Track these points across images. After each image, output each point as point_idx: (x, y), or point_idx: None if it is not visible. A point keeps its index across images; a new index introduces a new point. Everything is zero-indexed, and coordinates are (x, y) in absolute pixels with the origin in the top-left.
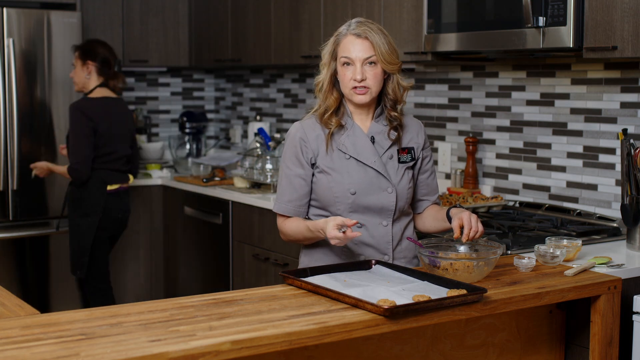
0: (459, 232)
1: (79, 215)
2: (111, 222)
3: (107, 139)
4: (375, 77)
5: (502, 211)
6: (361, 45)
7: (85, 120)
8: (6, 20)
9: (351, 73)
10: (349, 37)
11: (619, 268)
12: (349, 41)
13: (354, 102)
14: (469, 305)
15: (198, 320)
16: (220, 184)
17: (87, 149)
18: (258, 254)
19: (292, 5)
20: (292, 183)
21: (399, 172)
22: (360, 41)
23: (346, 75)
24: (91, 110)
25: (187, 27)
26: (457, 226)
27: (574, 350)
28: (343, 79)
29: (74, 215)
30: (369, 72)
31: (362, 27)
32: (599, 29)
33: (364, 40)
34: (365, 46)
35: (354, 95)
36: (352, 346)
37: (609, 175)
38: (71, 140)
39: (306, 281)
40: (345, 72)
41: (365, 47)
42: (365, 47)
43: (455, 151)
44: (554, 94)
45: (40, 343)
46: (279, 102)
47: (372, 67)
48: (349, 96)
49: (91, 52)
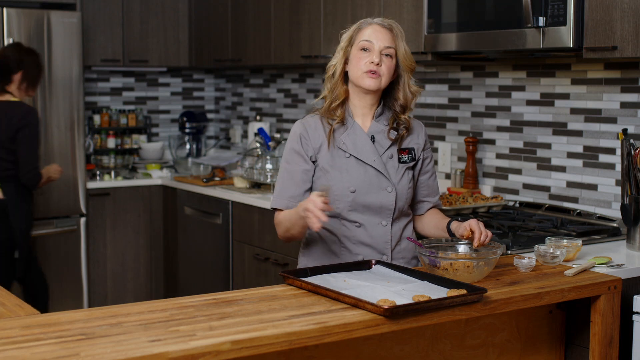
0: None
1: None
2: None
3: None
4: (389, 69)
5: (502, 211)
6: (385, 33)
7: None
8: (6, 20)
9: (368, 57)
10: (374, 25)
11: (619, 268)
12: (373, 28)
13: (363, 87)
14: (469, 305)
15: (198, 320)
16: (220, 184)
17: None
18: (258, 254)
19: (292, 5)
20: (294, 178)
21: (399, 171)
22: (385, 30)
23: (361, 59)
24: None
25: (187, 27)
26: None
27: (574, 350)
28: (358, 62)
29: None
30: (385, 62)
31: (389, 20)
32: (599, 29)
33: (387, 31)
34: (388, 36)
35: (365, 78)
36: (352, 346)
37: (609, 175)
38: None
39: (306, 281)
40: (361, 56)
41: (388, 36)
42: (387, 37)
43: (455, 151)
44: (554, 94)
45: (40, 343)
46: (279, 102)
47: (388, 59)
48: (358, 80)
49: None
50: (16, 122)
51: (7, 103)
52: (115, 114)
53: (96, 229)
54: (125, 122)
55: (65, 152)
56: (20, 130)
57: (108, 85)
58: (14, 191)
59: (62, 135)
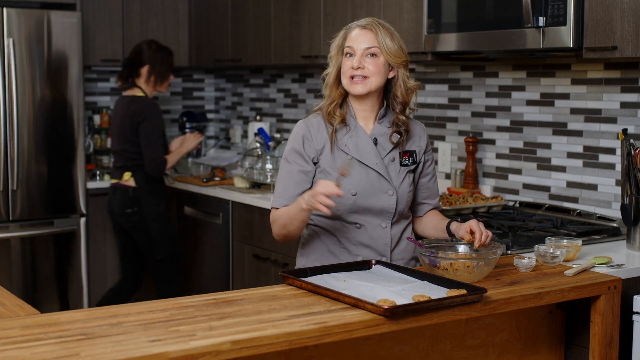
0: (470, 237)
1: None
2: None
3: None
4: (376, 67)
5: (502, 211)
6: (364, 35)
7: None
8: (6, 20)
9: (350, 62)
10: (355, 29)
11: (619, 268)
12: (354, 32)
13: (352, 94)
14: (469, 305)
15: (198, 320)
16: (220, 184)
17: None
18: (258, 254)
19: (292, 5)
20: (295, 178)
21: (400, 175)
22: (364, 32)
23: (346, 65)
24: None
25: (187, 27)
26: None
27: (574, 350)
28: (343, 69)
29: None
30: (370, 62)
31: (369, 20)
32: (599, 29)
33: (367, 32)
34: (368, 37)
35: (351, 85)
36: (352, 346)
37: (609, 175)
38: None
39: (306, 281)
40: (345, 62)
41: (368, 37)
42: (367, 38)
43: (455, 151)
44: (554, 94)
45: (40, 343)
46: (279, 102)
47: (373, 59)
48: (347, 87)
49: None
50: (137, 116)
51: (132, 98)
52: None
53: (96, 229)
54: None
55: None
56: (140, 123)
57: (108, 85)
58: (143, 179)
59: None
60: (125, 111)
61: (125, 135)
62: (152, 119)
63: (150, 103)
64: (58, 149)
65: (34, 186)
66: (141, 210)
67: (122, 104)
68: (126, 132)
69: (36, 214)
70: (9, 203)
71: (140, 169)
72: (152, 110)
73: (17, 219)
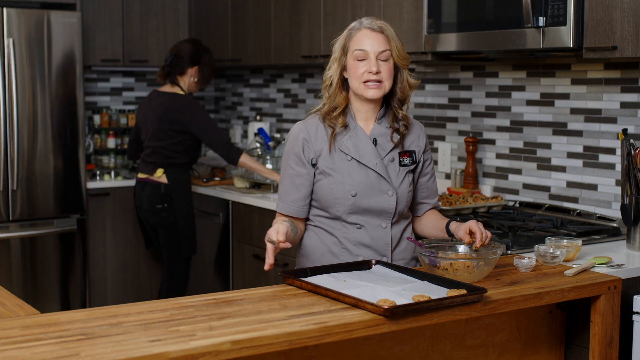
0: (470, 239)
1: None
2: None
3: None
4: (389, 72)
5: (502, 211)
6: (376, 38)
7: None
8: (6, 20)
9: (365, 66)
10: (364, 30)
11: (619, 268)
12: (363, 34)
13: (365, 97)
14: (469, 305)
15: (198, 320)
16: (220, 184)
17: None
18: (258, 254)
19: (292, 5)
20: (294, 183)
21: (399, 175)
22: (376, 34)
23: (358, 69)
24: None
25: (187, 27)
26: (466, 235)
27: (574, 350)
28: (355, 72)
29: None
30: (383, 67)
31: (377, 22)
32: (599, 29)
33: (379, 34)
34: (380, 39)
35: (365, 89)
36: (352, 346)
37: (609, 175)
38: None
39: (306, 281)
40: (357, 66)
41: (381, 40)
42: (380, 41)
43: (455, 151)
44: (554, 94)
45: (40, 343)
46: (279, 102)
47: (385, 63)
48: (359, 90)
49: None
50: (183, 115)
51: (173, 95)
52: (115, 114)
53: (96, 229)
54: (125, 122)
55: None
56: (189, 123)
57: (108, 85)
58: (175, 177)
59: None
60: (166, 108)
61: (164, 131)
62: (202, 115)
63: (193, 101)
64: (58, 149)
65: (34, 186)
66: (171, 206)
67: (161, 100)
68: (165, 128)
69: (36, 214)
70: (9, 203)
71: (172, 166)
72: (197, 106)
73: (17, 219)
